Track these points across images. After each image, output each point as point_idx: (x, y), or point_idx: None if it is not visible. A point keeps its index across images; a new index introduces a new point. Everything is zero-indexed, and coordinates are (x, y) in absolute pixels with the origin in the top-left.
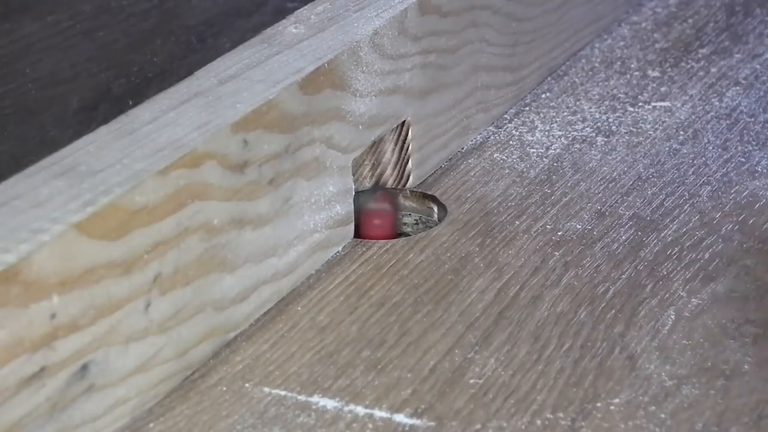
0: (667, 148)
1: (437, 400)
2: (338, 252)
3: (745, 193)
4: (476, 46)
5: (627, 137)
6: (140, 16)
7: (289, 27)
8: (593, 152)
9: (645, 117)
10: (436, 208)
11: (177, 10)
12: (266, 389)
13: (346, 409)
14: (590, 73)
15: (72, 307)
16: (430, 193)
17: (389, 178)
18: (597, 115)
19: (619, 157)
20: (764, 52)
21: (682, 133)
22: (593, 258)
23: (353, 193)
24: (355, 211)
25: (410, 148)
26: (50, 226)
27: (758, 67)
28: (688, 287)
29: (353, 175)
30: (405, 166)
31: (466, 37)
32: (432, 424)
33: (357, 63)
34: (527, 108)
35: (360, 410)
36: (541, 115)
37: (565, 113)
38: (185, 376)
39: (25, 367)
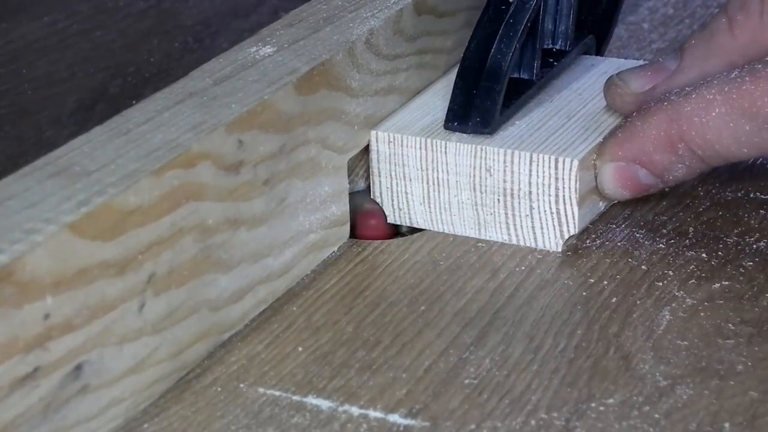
0: None
1: (432, 401)
2: (334, 252)
3: (741, 192)
4: None
5: None
6: (137, 16)
7: (285, 27)
8: None
9: None
10: None
11: (174, 11)
12: (261, 389)
13: (340, 409)
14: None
15: (66, 308)
16: None
17: None
18: None
19: None
20: None
21: None
22: (588, 258)
23: (349, 193)
24: (350, 212)
25: None
26: (44, 226)
27: None
28: (683, 287)
29: (349, 175)
30: None
31: (462, 37)
32: (427, 424)
33: (352, 63)
34: None
35: (355, 410)
36: None
37: None
38: (180, 377)
39: (18, 368)
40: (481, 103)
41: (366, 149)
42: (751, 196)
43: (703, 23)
